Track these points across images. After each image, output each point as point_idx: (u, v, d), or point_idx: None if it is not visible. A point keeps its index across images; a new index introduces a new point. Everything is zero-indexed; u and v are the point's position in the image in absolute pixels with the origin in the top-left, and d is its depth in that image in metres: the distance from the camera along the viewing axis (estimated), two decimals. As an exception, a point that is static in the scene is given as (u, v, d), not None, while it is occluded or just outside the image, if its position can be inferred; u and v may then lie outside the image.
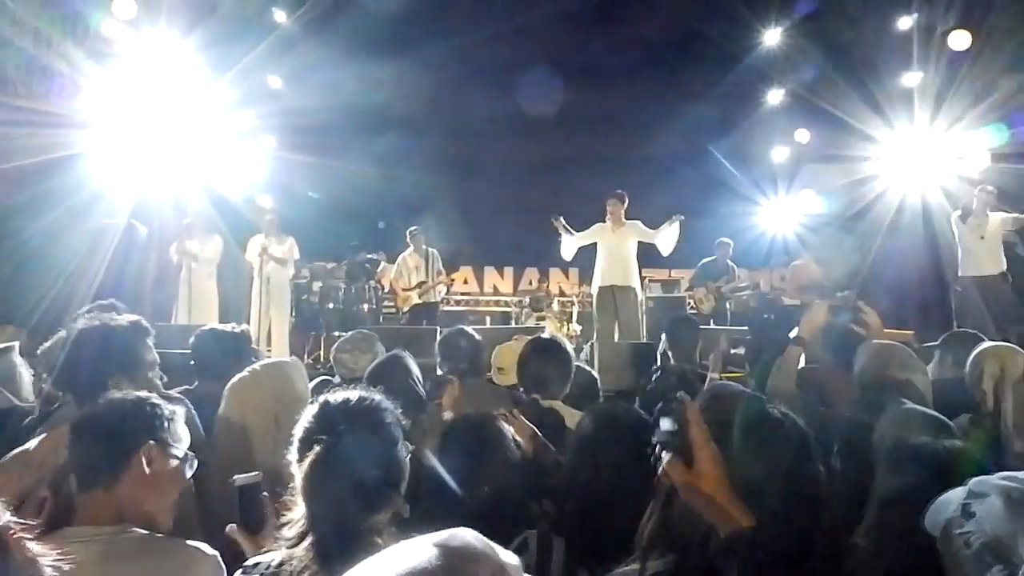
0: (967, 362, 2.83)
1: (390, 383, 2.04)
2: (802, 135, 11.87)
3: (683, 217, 7.51)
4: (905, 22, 10.07)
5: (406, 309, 8.64)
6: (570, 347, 3.07)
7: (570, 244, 7.60)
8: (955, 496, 1.20)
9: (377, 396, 1.55)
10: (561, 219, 7.55)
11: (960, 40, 8.50)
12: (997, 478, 1.16)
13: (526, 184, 11.43)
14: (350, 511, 1.37)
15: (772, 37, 11.62)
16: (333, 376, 3.63)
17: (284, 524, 1.45)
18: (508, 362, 4.17)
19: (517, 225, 11.55)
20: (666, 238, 7.56)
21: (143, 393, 1.78)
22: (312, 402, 1.54)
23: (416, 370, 2.77)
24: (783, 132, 12.35)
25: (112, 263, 5.26)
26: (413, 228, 8.77)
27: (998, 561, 1.05)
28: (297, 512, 1.43)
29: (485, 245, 12.34)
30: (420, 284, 8.58)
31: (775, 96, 12.26)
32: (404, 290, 8.62)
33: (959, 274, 7.42)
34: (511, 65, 10.70)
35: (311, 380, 3.38)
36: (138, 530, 1.59)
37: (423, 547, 0.67)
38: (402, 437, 1.52)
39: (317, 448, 1.41)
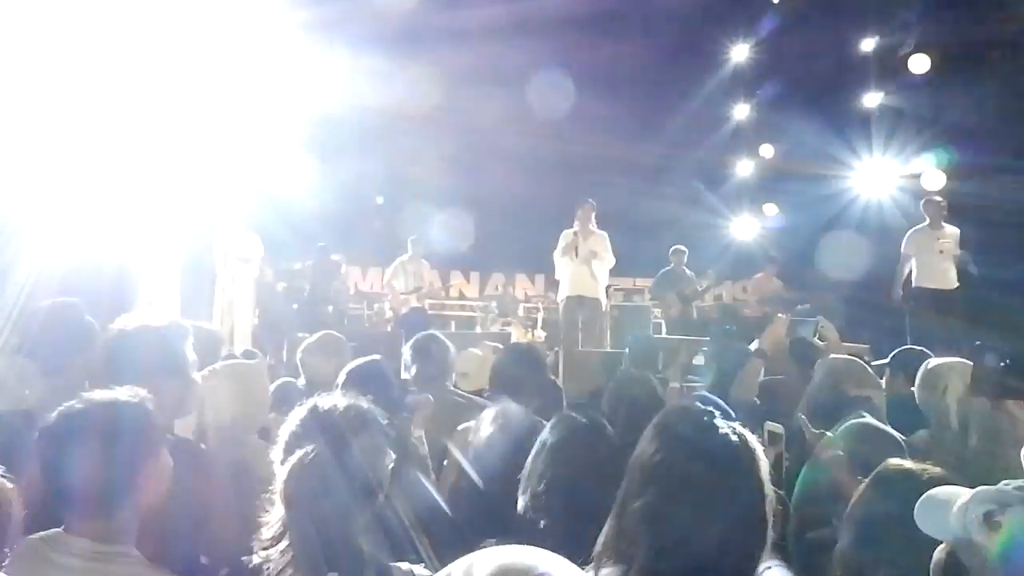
0: (917, 378, 2.91)
1: (370, 389, 2.05)
2: (767, 150, 12.12)
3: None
4: (868, 44, 10.39)
5: (403, 311, 8.70)
6: (543, 357, 3.09)
7: (561, 265, 7.63)
8: (950, 502, 1.24)
9: (365, 404, 1.56)
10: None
11: (919, 63, 8.78)
12: (1012, 488, 1.21)
13: (493, 189, 11.44)
14: (330, 517, 1.37)
15: (739, 53, 11.88)
16: (297, 378, 3.61)
17: (262, 525, 1.45)
18: (471, 367, 4.20)
19: (483, 229, 11.57)
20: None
21: (132, 391, 1.66)
22: (300, 404, 1.54)
23: (393, 378, 2.77)
24: (748, 146, 12.60)
25: (75, 260, 5.15)
26: (414, 236, 9.16)
27: None
28: (275, 514, 1.43)
29: (450, 249, 12.33)
30: (417, 289, 8.93)
31: (741, 111, 12.52)
32: (403, 295, 8.91)
33: (914, 285, 7.34)
34: (494, 70, 10.69)
35: (273, 381, 3.36)
36: (136, 555, 1.54)
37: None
38: (388, 447, 1.53)
39: (301, 452, 1.41)
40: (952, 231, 7.26)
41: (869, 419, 2.41)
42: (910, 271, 7.33)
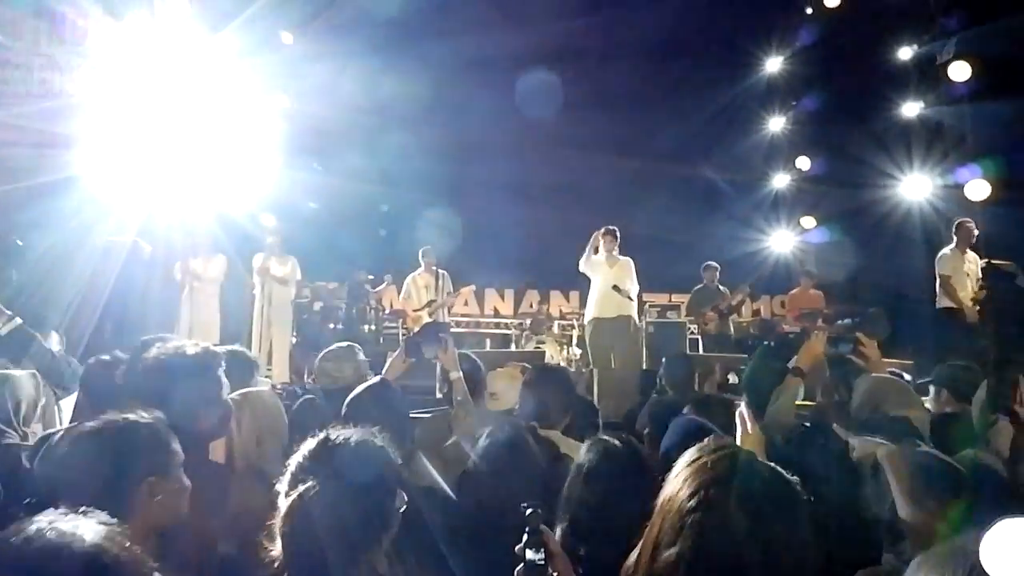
0: (976, 398, 2.79)
1: (373, 414, 2.04)
2: (803, 161, 11.96)
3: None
4: (905, 52, 10.20)
5: (417, 329, 8.40)
6: (572, 377, 3.06)
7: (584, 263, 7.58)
8: None
9: (379, 441, 1.51)
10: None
11: (960, 71, 8.57)
12: None
13: (527, 205, 11.46)
14: (327, 556, 1.32)
15: (774, 64, 11.78)
16: (312, 392, 3.62)
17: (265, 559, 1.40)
18: (500, 387, 4.18)
19: (518, 246, 11.58)
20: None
21: (141, 416, 1.69)
22: (313, 435, 1.51)
23: (399, 402, 2.69)
24: (784, 158, 12.45)
25: (117, 282, 5.27)
26: (425, 247, 8.55)
27: None
28: (276, 547, 1.38)
29: (485, 266, 12.36)
30: (430, 303, 8.31)
31: (776, 123, 12.40)
32: (415, 311, 8.33)
33: (939, 306, 7.31)
34: (513, 82, 10.77)
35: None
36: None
37: None
38: (398, 487, 1.47)
39: (305, 485, 1.36)
40: (974, 257, 7.30)
41: (925, 448, 2.24)
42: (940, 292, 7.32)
